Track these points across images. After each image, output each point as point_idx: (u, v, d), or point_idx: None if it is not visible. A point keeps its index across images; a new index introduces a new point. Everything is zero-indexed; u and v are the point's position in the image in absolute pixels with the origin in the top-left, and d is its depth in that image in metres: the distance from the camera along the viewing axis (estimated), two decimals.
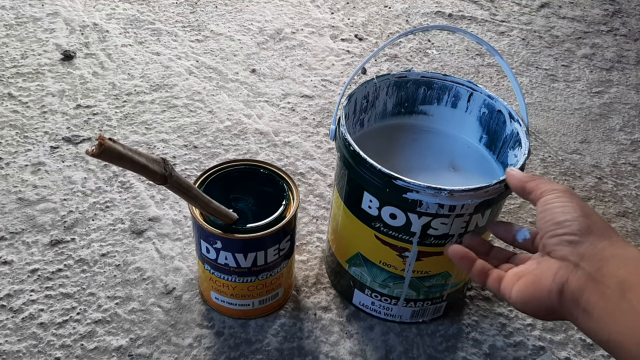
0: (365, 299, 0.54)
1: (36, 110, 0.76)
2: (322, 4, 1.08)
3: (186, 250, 0.60)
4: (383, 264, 0.49)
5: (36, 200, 0.64)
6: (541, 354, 0.54)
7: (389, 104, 0.55)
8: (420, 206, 0.43)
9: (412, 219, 0.44)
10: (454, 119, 0.55)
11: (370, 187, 0.44)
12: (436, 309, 0.54)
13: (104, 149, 0.33)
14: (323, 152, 0.75)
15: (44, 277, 0.56)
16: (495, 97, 0.51)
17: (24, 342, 0.51)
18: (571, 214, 0.36)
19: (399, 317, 0.54)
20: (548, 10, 1.14)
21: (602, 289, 0.32)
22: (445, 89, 0.54)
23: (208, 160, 0.72)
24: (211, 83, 0.85)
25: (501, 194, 0.44)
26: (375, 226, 0.46)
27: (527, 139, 0.47)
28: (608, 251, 0.34)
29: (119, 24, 0.95)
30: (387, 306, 0.53)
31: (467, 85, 0.53)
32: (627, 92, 0.94)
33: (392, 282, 0.50)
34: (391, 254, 0.48)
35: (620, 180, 0.76)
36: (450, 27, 0.48)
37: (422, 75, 0.54)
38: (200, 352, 0.51)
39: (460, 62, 0.96)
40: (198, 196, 0.43)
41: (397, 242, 0.46)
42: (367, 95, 0.53)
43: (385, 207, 0.44)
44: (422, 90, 0.55)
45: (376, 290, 0.52)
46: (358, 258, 0.51)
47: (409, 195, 0.42)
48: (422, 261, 0.48)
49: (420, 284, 0.50)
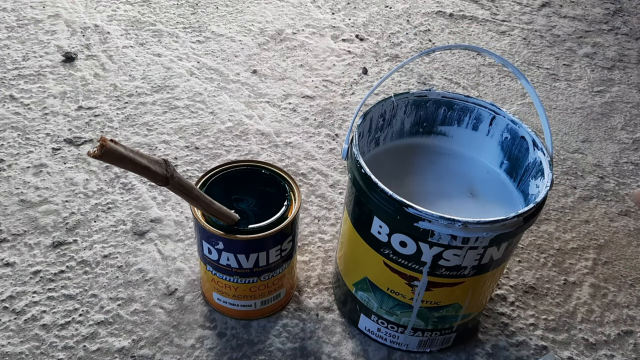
0: (371, 325, 0.52)
1: (38, 112, 0.76)
2: (323, 5, 1.08)
3: (188, 252, 0.60)
4: (391, 291, 0.47)
5: (38, 202, 0.64)
6: (544, 354, 0.54)
7: (406, 123, 0.53)
8: (432, 236, 0.40)
9: (423, 249, 0.42)
10: (474, 142, 0.53)
11: (380, 212, 0.42)
12: (445, 340, 0.52)
13: (106, 150, 0.33)
14: (324, 153, 0.75)
15: (46, 278, 0.56)
16: (518, 122, 0.49)
17: (26, 343, 0.51)
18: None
19: (406, 345, 0.52)
20: (549, 9, 1.14)
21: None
22: (467, 110, 0.52)
23: (209, 161, 0.72)
24: (212, 84, 0.85)
25: (519, 228, 0.41)
26: (385, 252, 0.45)
27: (550, 171, 0.44)
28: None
29: (120, 26, 0.95)
30: (394, 334, 0.51)
31: (490, 108, 0.50)
32: (628, 91, 0.94)
33: (400, 310, 0.48)
34: (400, 282, 0.46)
35: (622, 180, 0.76)
36: (474, 47, 0.45)
37: (443, 95, 0.51)
38: (203, 353, 0.51)
39: (461, 61, 0.96)
40: (200, 197, 0.43)
41: (406, 270, 0.44)
42: (383, 114, 0.51)
43: (395, 234, 0.42)
44: (443, 111, 0.52)
45: (383, 317, 0.50)
46: (365, 283, 0.49)
47: (420, 224, 0.40)
48: (432, 291, 0.45)
49: (429, 314, 0.48)
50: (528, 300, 0.59)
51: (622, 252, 0.66)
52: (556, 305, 0.59)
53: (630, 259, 0.65)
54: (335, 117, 0.81)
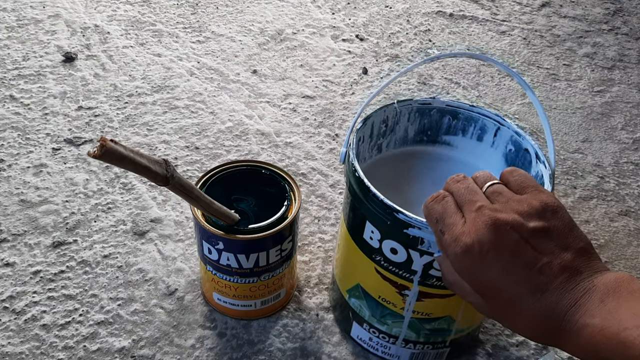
0: (363, 334, 0.51)
1: (38, 112, 0.76)
2: (323, 5, 1.08)
3: (188, 252, 0.60)
4: (382, 299, 0.47)
5: (38, 202, 0.64)
6: (544, 354, 0.54)
7: (410, 130, 0.52)
8: (422, 244, 0.40)
9: (413, 257, 0.41)
10: (478, 152, 0.52)
11: (372, 217, 0.42)
12: (438, 354, 0.51)
13: (106, 150, 0.33)
14: (324, 153, 0.75)
15: (46, 278, 0.56)
16: (522, 134, 0.48)
17: (26, 343, 0.51)
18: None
19: (397, 357, 0.51)
20: (549, 9, 1.14)
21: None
22: (472, 120, 0.51)
23: (209, 161, 0.72)
24: (212, 84, 0.85)
25: None
26: (376, 259, 0.44)
27: (550, 184, 0.43)
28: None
29: (120, 26, 0.95)
30: (386, 344, 0.50)
31: (494, 119, 0.50)
32: (628, 90, 0.93)
33: (391, 320, 0.48)
34: (391, 290, 0.45)
35: (622, 179, 0.76)
36: (479, 56, 0.44)
37: (448, 104, 0.51)
38: (203, 353, 0.51)
39: (461, 62, 0.96)
40: (200, 197, 0.43)
41: (397, 278, 0.44)
42: (386, 120, 0.50)
43: (386, 240, 0.42)
44: (447, 120, 0.52)
45: (375, 326, 0.49)
46: (358, 290, 0.49)
47: (410, 231, 0.40)
48: (424, 302, 0.45)
49: (420, 325, 0.47)
50: None
51: (622, 252, 0.66)
52: None
53: (630, 259, 0.65)
54: (336, 117, 0.81)
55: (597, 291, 0.32)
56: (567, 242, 0.34)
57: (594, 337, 0.31)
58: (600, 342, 0.30)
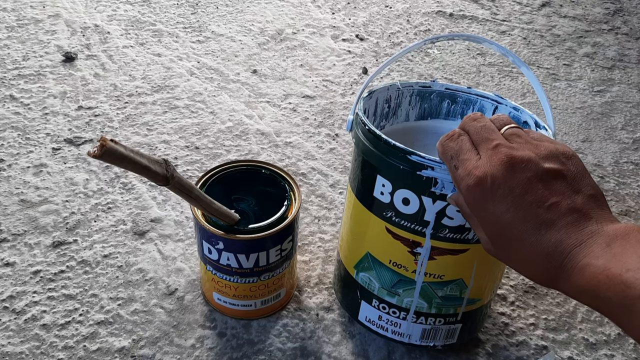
0: (372, 313, 0.51)
1: (38, 112, 0.76)
2: (323, 4, 1.08)
3: (188, 251, 0.60)
4: (393, 264, 0.47)
5: (38, 202, 0.64)
6: (544, 354, 0.54)
7: (411, 115, 0.54)
8: (435, 185, 0.40)
9: (426, 205, 0.42)
10: None
11: (383, 167, 0.43)
12: (450, 332, 0.51)
13: (106, 150, 0.33)
14: (325, 153, 0.75)
15: (46, 278, 0.56)
16: (520, 108, 0.50)
17: (26, 343, 0.51)
18: None
19: (408, 336, 0.51)
20: (549, 9, 1.14)
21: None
22: (470, 102, 0.53)
23: (210, 161, 0.72)
24: (212, 84, 0.85)
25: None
26: (387, 216, 0.45)
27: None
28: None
29: (120, 26, 0.95)
30: (396, 321, 0.51)
31: (492, 99, 0.52)
32: (628, 90, 0.94)
33: (402, 287, 0.48)
34: (402, 251, 0.46)
35: (622, 179, 0.76)
36: (476, 37, 0.46)
37: (447, 87, 0.53)
38: (203, 352, 0.51)
39: (461, 61, 0.96)
40: (200, 197, 0.43)
41: (409, 234, 0.45)
42: (388, 100, 0.52)
43: (398, 190, 0.43)
44: (447, 104, 0.54)
45: (384, 299, 0.50)
46: (367, 260, 0.49)
47: (423, 172, 0.40)
48: (436, 260, 0.46)
49: (432, 292, 0.48)
50: (528, 300, 0.59)
51: None
52: (556, 305, 0.59)
53: None
54: (336, 117, 0.81)
55: (604, 236, 0.32)
56: (579, 186, 0.34)
57: (595, 277, 0.30)
58: (601, 282, 0.30)
